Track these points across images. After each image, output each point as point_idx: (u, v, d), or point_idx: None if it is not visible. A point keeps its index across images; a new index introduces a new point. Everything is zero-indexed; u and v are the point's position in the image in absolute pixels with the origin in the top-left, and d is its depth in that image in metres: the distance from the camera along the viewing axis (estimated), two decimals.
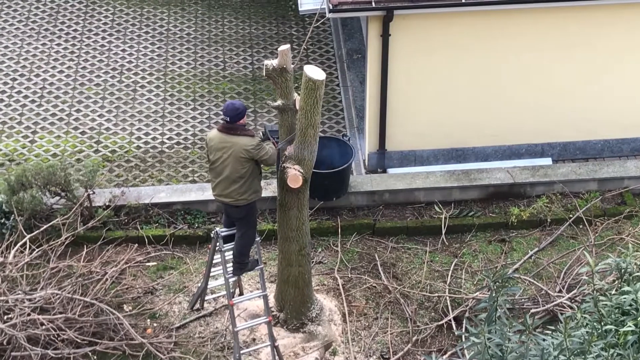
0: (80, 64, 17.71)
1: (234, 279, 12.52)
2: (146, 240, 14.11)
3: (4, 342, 11.90)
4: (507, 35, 14.76)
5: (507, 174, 15.07)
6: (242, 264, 12.21)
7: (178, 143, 16.17)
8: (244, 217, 11.94)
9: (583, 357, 7.80)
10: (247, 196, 11.68)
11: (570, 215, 14.63)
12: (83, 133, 16.30)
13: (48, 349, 12.00)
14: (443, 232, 14.45)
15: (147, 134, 16.32)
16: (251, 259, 12.37)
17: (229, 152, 11.48)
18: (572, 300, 12.97)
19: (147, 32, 18.52)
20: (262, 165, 11.83)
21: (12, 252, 12.83)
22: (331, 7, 13.98)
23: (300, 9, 15.49)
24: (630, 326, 7.97)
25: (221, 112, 15.94)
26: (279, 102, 11.39)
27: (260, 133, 12.06)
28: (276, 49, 18.04)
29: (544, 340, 8.07)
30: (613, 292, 8.47)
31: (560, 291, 13.30)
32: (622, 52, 15.10)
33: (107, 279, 13.15)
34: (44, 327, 11.97)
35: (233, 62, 17.86)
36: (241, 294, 13.06)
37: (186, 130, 16.41)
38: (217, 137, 11.62)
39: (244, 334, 12.74)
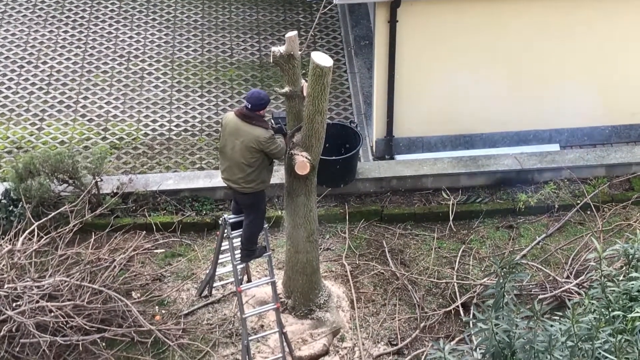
0: (87, 51, 17.71)
1: (242, 265, 12.53)
2: (154, 227, 14.13)
3: (13, 329, 11.92)
4: (515, 21, 14.72)
5: (515, 160, 15.06)
6: (249, 251, 12.22)
7: (185, 130, 16.18)
8: (251, 204, 11.94)
9: (591, 343, 7.80)
10: (253, 185, 11.66)
11: (578, 201, 14.61)
12: (90, 120, 16.32)
13: (57, 336, 12.03)
14: (451, 218, 14.45)
15: (154, 121, 16.33)
16: (259, 247, 12.38)
17: (240, 140, 11.44)
18: (580, 287, 12.96)
19: (154, 19, 18.51)
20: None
21: (21, 239, 12.85)
22: None
23: None
24: (638, 312, 7.96)
25: (228, 99, 15.91)
26: (286, 89, 11.38)
27: (271, 120, 12.05)
28: (283, 36, 18.00)
29: (551, 326, 8.07)
30: (621, 278, 8.46)
31: (568, 277, 13.30)
32: (629, 38, 15.06)
33: (115, 266, 13.18)
34: (52, 314, 12.00)
35: (240, 48, 17.85)
36: (249, 280, 13.07)
37: (193, 117, 16.41)
38: (233, 121, 11.57)
39: (252, 321, 12.76)
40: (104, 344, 12.29)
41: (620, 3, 14.71)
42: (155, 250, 13.95)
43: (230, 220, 12.18)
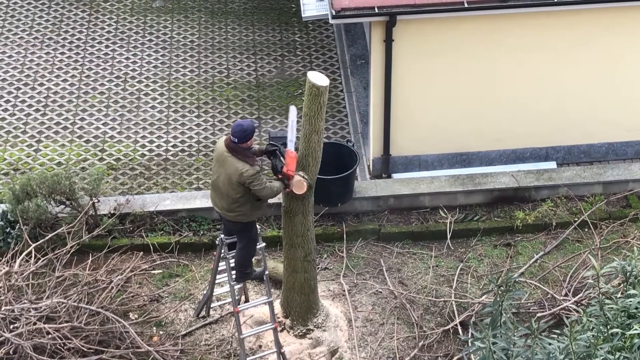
0: (84, 73, 17.73)
1: (239, 286, 12.51)
2: (151, 247, 14.11)
3: (11, 352, 11.88)
4: (510, 39, 14.75)
5: (512, 178, 15.06)
6: (243, 273, 12.18)
7: (182, 150, 16.18)
8: (239, 231, 11.86)
9: None
10: (234, 215, 11.58)
11: (576, 219, 14.61)
12: (87, 141, 16.32)
13: (54, 358, 12.00)
14: (448, 236, 14.44)
15: (151, 142, 16.34)
16: (257, 270, 12.35)
17: (224, 171, 11.37)
18: (578, 304, 12.95)
19: (150, 40, 18.54)
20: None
21: (18, 261, 12.83)
22: (334, 13, 13.99)
23: (303, 15, 15.50)
24: (636, 329, 7.95)
25: (225, 119, 15.91)
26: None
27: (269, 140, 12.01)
28: (280, 56, 18.11)
29: (549, 344, 8.06)
30: (619, 295, 8.46)
31: (566, 295, 13.28)
32: (625, 54, 15.09)
33: (112, 287, 13.15)
34: (50, 336, 11.97)
35: (237, 68, 17.88)
36: (247, 300, 13.05)
37: (190, 137, 16.42)
38: (221, 150, 11.45)
39: (250, 341, 12.74)
40: None
41: (616, 21, 14.74)
42: (153, 271, 13.93)
43: (227, 241, 12.16)
